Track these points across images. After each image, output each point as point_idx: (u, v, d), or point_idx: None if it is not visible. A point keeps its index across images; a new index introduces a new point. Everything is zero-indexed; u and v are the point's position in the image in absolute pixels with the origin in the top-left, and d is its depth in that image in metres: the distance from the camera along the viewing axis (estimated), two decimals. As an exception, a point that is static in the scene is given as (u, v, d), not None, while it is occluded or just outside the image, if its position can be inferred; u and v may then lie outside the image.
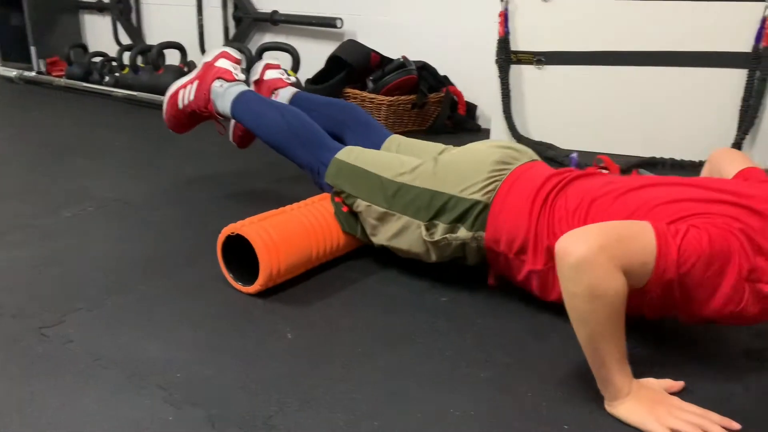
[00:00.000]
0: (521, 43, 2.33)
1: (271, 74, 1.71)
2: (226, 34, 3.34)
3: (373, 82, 2.54)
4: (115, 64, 3.27)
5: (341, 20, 2.90)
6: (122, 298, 1.15)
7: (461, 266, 1.21)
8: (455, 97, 2.59)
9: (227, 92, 1.53)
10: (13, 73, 3.43)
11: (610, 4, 2.19)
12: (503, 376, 0.94)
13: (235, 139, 1.73)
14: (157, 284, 1.20)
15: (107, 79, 3.14)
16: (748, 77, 2.06)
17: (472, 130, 2.61)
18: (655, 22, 2.14)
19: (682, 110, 2.17)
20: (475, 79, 2.60)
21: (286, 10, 3.08)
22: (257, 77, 1.72)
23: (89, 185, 1.78)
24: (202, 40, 3.45)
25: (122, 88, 3.01)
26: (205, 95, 1.57)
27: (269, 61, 1.75)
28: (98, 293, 1.16)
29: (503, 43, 2.33)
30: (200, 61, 1.65)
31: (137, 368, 0.93)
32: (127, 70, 3.13)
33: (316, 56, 2.76)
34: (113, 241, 1.42)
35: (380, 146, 1.45)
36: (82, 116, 2.72)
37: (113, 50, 3.42)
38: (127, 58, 3.14)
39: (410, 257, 1.23)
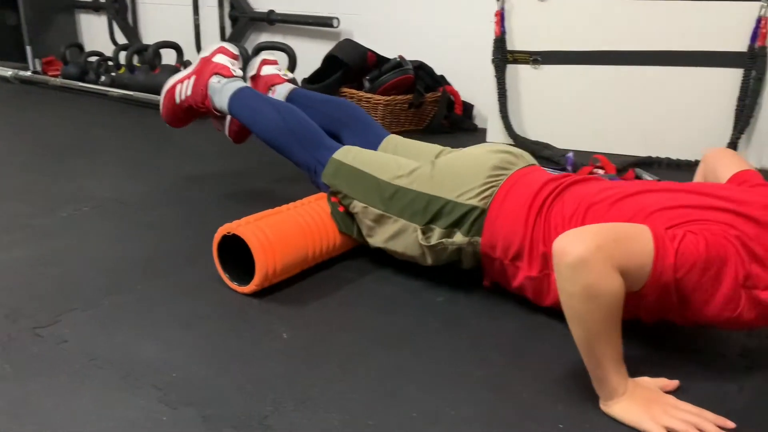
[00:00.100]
0: (517, 42, 2.34)
1: (268, 70, 1.71)
2: (222, 33, 3.34)
3: (369, 81, 2.54)
4: (111, 63, 3.27)
5: (338, 20, 2.90)
6: (118, 298, 1.14)
7: (457, 267, 1.21)
8: (452, 96, 2.59)
9: (225, 89, 1.52)
10: (8, 72, 3.42)
11: (605, 4, 2.20)
12: (498, 375, 0.94)
13: (231, 133, 1.72)
14: (153, 284, 1.20)
15: (103, 78, 3.13)
16: (743, 77, 2.07)
17: (468, 129, 2.61)
18: (650, 21, 2.15)
19: (677, 110, 2.18)
20: (471, 78, 2.60)
21: (282, 9, 3.08)
22: (254, 72, 1.71)
23: (86, 185, 1.77)
24: (198, 39, 3.44)
25: (118, 87, 3.00)
26: (202, 91, 1.56)
27: (266, 56, 1.74)
28: (94, 293, 1.16)
29: (499, 42, 2.34)
30: (197, 57, 1.64)
31: (132, 368, 0.93)
32: (123, 69, 3.12)
33: (312, 56, 2.76)
34: (110, 240, 1.41)
35: (377, 145, 1.44)
36: (78, 116, 2.71)
37: (109, 50, 3.43)
38: (123, 57, 3.13)
39: (406, 259, 1.24)
